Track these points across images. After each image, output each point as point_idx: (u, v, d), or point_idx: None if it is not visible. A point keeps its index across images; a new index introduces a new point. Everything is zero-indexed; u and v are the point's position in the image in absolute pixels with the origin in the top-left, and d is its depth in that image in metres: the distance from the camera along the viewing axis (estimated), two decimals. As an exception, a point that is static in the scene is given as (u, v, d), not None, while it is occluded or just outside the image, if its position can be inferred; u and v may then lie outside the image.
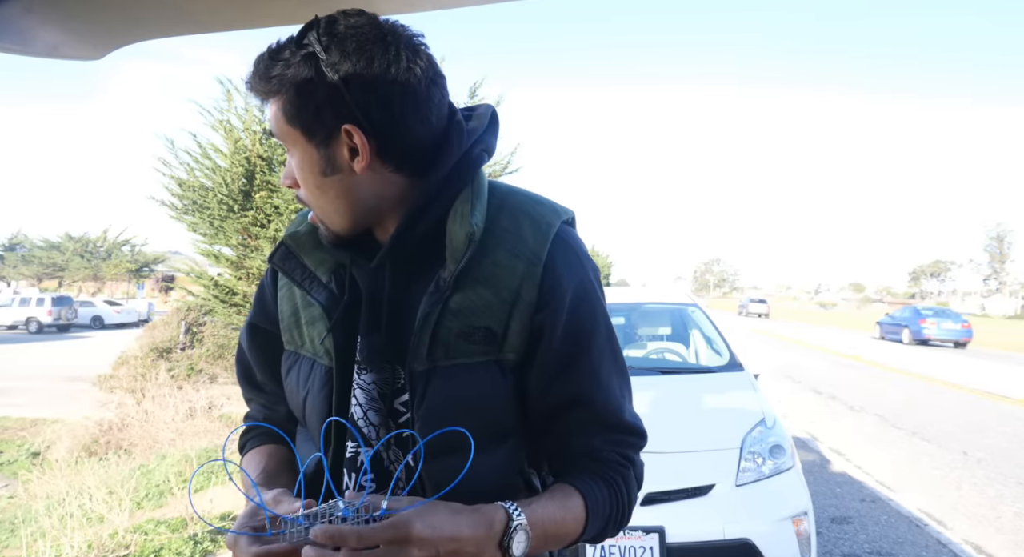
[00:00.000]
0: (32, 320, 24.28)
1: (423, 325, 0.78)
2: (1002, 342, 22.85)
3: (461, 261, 0.77)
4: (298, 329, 0.88)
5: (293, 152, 0.78)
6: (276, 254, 0.88)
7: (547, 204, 0.87)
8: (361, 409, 0.84)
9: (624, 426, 0.85)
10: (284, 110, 0.75)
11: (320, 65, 0.72)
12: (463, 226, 0.78)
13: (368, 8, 0.77)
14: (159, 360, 9.01)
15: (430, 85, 0.76)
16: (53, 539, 3.37)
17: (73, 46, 0.93)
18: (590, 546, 2.46)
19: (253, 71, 0.76)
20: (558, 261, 0.81)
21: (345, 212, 0.80)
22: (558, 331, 0.80)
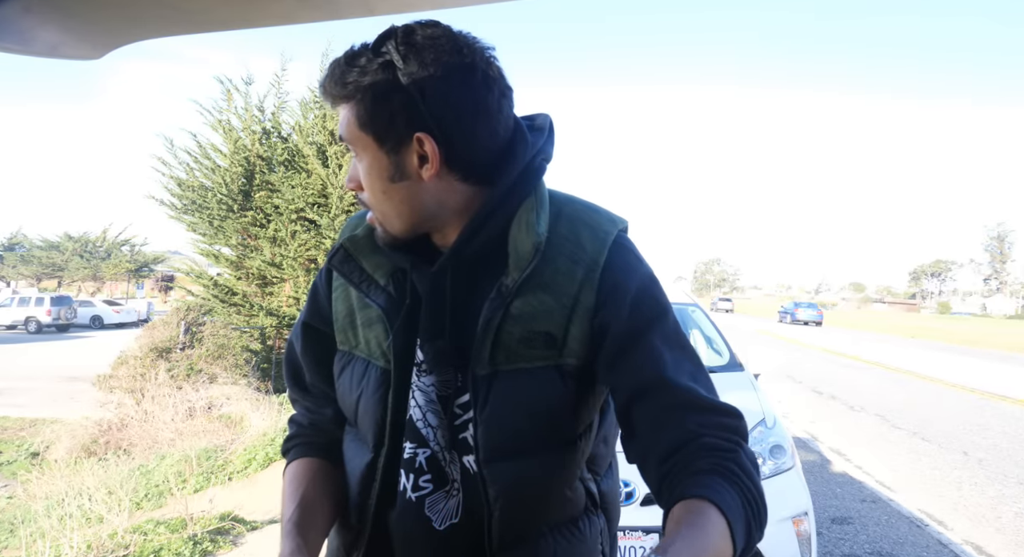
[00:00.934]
0: (31, 320, 24.28)
1: (485, 330, 0.80)
2: (1002, 342, 22.86)
3: (527, 269, 0.79)
4: (353, 330, 0.90)
5: (362, 157, 0.80)
6: (335, 256, 0.89)
7: (603, 213, 0.89)
8: (420, 410, 0.85)
9: (714, 406, 0.78)
10: (358, 115, 0.77)
11: (397, 73, 0.74)
12: (530, 235, 0.79)
13: (367, 8, 0.76)
14: (159, 360, 9.01)
15: (500, 98, 0.79)
16: (52, 539, 3.36)
17: (73, 46, 0.93)
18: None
19: (328, 75, 0.78)
20: (616, 265, 0.83)
21: (407, 216, 0.82)
22: (620, 326, 0.80)
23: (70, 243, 37.49)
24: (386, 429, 0.85)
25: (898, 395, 9.78)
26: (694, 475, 0.71)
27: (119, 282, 39.83)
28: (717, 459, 0.72)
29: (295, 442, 0.98)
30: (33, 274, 38.20)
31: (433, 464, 0.85)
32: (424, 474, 0.85)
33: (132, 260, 37.58)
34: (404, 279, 0.87)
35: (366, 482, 0.87)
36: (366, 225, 0.88)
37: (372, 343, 0.87)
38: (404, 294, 0.86)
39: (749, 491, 0.71)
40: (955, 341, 23.84)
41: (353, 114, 0.77)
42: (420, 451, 0.85)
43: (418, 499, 0.84)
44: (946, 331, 31.08)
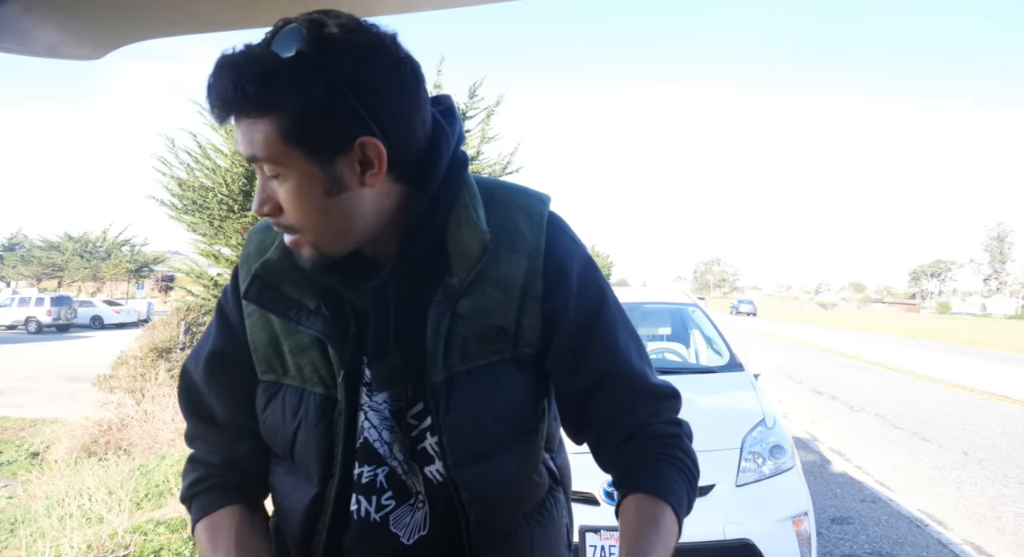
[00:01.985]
0: (31, 320, 24.28)
1: (436, 335, 0.77)
2: (1002, 342, 22.85)
3: (474, 268, 0.76)
4: (279, 358, 0.82)
5: (287, 175, 0.69)
6: (251, 289, 0.80)
7: (532, 193, 0.85)
8: (376, 430, 0.81)
9: (658, 392, 0.84)
10: (282, 130, 0.66)
11: (326, 76, 0.65)
12: (474, 234, 0.76)
13: (366, 8, 0.76)
14: (159, 360, 9.01)
15: (420, 83, 0.72)
16: (52, 539, 3.36)
17: (73, 46, 0.93)
18: (589, 546, 2.46)
19: (228, 87, 0.65)
20: (557, 248, 0.81)
21: (348, 232, 0.74)
22: (571, 313, 0.80)
23: (70, 243, 37.48)
24: (336, 459, 0.80)
25: (898, 395, 9.77)
26: (646, 464, 0.80)
27: (119, 282, 39.82)
28: (664, 448, 0.81)
29: (206, 485, 0.86)
30: (33, 274, 38.20)
31: (394, 480, 0.81)
32: (385, 492, 0.81)
33: (132, 260, 37.56)
34: (338, 299, 0.80)
35: (311, 517, 0.81)
36: (277, 247, 0.81)
37: (307, 370, 0.80)
38: (343, 315, 0.80)
39: (690, 472, 0.81)
40: (955, 341, 23.83)
41: (274, 129, 0.66)
42: (379, 471, 0.81)
43: (383, 518, 0.81)
44: (946, 331, 31.08)
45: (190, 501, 0.87)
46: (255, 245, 0.86)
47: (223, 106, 0.67)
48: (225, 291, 0.89)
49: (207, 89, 0.67)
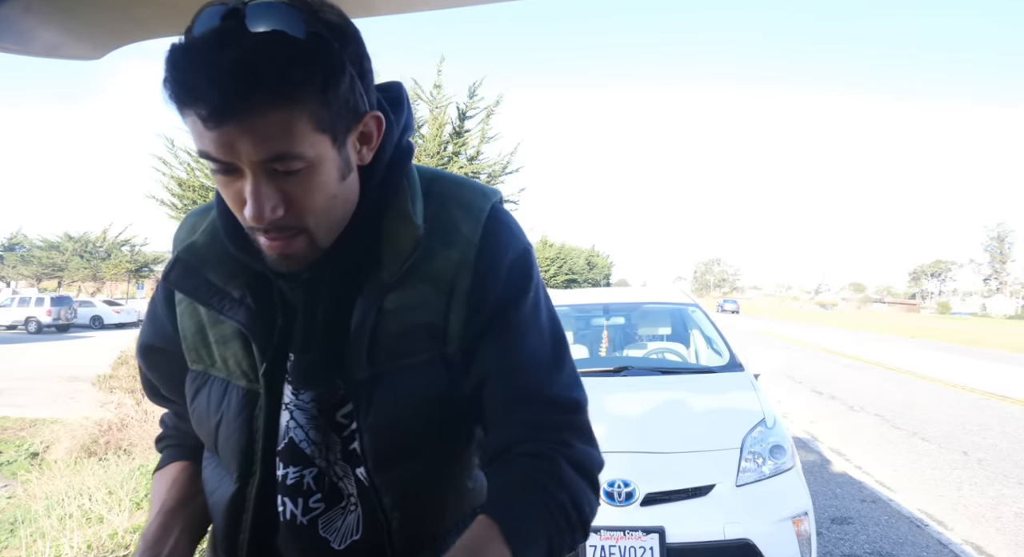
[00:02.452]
0: (31, 320, 24.29)
1: (360, 330, 0.73)
2: (1002, 342, 22.85)
3: (405, 263, 0.72)
4: (206, 348, 0.79)
5: (313, 167, 0.64)
6: (172, 273, 0.77)
7: (475, 187, 0.81)
8: (302, 430, 0.77)
9: (547, 399, 0.75)
10: (315, 117, 0.62)
11: (338, 52, 0.62)
12: (408, 228, 0.72)
13: (366, 8, 0.76)
14: (159, 360, 8.98)
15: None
16: (53, 539, 3.36)
17: (73, 46, 0.93)
18: (589, 546, 2.46)
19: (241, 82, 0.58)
20: (491, 242, 0.76)
21: (345, 218, 0.72)
22: (488, 305, 0.75)
23: (70, 243, 37.47)
24: (256, 456, 0.76)
25: (898, 395, 9.77)
26: (502, 488, 0.72)
27: (119, 282, 39.82)
28: (530, 470, 0.71)
29: (164, 444, 0.94)
30: (33, 274, 38.19)
31: (323, 482, 0.78)
32: (314, 494, 0.78)
33: (132, 260, 37.56)
34: (265, 288, 0.76)
35: (233, 515, 0.78)
36: (205, 230, 0.78)
37: (230, 362, 0.77)
38: (269, 306, 0.75)
39: (560, 505, 0.70)
40: (955, 341, 23.83)
41: (307, 117, 0.61)
42: (306, 472, 0.77)
43: (310, 521, 0.77)
44: (946, 331, 31.08)
45: (159, 451, 0.95)
46: (187, 229, 0.82)
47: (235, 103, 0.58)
48: (159, 284, 0.86)
49: (189, 92, 0.58)
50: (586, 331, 4.64)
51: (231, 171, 0.63)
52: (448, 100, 9.44)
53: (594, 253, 40.08)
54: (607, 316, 4.64)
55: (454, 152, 11.47)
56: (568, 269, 31.03)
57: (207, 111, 0.58)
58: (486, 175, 12.79)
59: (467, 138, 10.83)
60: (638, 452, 2.75)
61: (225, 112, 0.58)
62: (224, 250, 0.75)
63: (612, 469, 2.63)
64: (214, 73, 0.57)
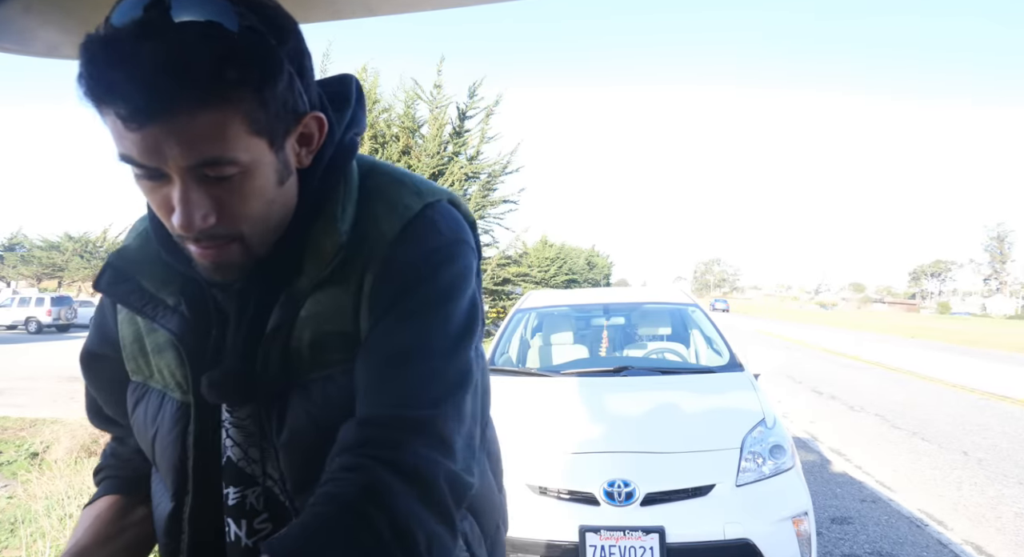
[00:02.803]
0: (32, 320, 24.29)
1: (271, 341, 0.68)
2: (1002, 342, 22.85)
3: (325, 270, 0.67)
4: (144, 357, 0.75)
5: (248, 172, 0.60)
6: (102, 279, 0.72)
7: (410, 185, 0.74)
8: (240, 449, 0.71)
9: (384, 418, 0.63)
10: (250, 118, 0.57)
11: (276, 49, 0.57)
12: (330, 233, 0.67)
13: (366, 8, 0.76)
14: (159, 360, 8.99)
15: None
16: (53, 539, 3.36)
17: (73, 46, 0.93)
18: (589, 546, 2.46)
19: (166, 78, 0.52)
20: (409, 238, 0.69)
21: (282, 223, 0.67)
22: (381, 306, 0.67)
23: (70, 243, 37.48)
24: (188, 475, 0.72)
25: (898, 395, 9.77)
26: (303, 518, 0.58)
27: (119, 282, 39.81)
28: (325, 511, 0.57)
29: (101, 476, 0.87)
30: (33, 274, 38.19)
31: (271, 502, 0.72)
32: (259, 515, 0.72)
33: (132, 260, 37.55)
34: (201, 296, 0.71)
35: (172, 533, 0.74)
36: (140, 232, 0.74)
37: (165, 372, 0.73)
38: (205, 314, 0.71)
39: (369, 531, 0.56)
40: (955, 341, 23.83)
41: (241, 118, 0.56)
42: (249, 492, 0.72)
43: (255, 544, 0.72)
44: (946, 331, 31.07)
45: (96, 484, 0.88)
46: (130, 232, 0.79)
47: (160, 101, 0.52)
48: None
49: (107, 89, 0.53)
50: (586, 331, 4.64)
51: (157, 177, 0.58)
52: (448, 100, 9.43)
53: (594, 253, 40.07)
54: (607, 316, 4.64)
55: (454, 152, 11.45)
56: (568, 269, 31.02)
57: (127, 111, 0.53)
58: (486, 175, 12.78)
59: (467, 138, 10.82)
60: (638, 452, 2.75)
61: (148, 112, 0.53)
62: (158, 255, 0.71)
63: (612, 469, 2.63)
64: (135, 68, 0.52)
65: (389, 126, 12.86)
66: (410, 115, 13.07)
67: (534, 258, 26.75)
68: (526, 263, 20.44)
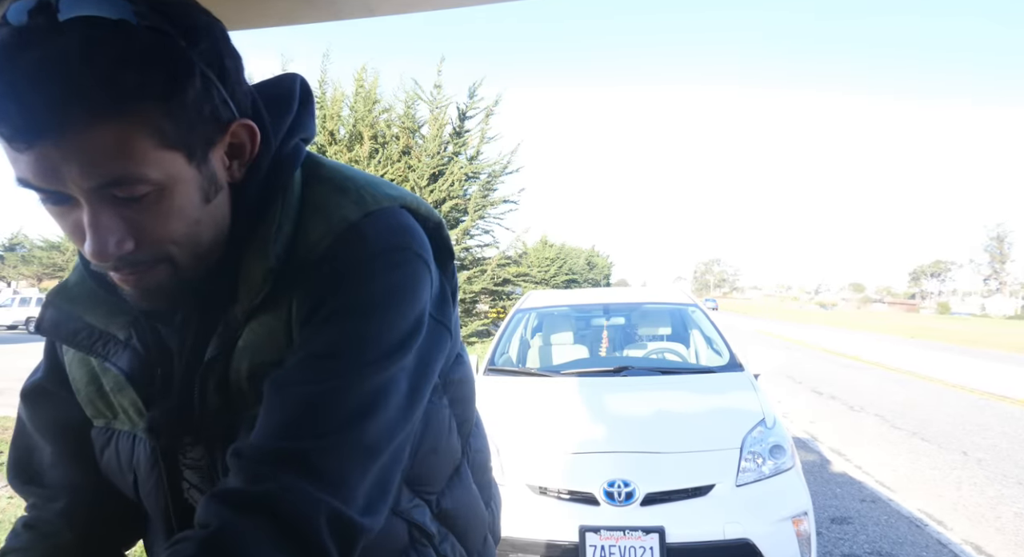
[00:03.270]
0: (32, 320, 24.28)
1: (208, 372, 0.62)
2: (1002, 342, 22.85)
3: (256, 297, 0.61)
4: (103, 399, 0.69)
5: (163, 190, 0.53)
6: (44, 320, 0.67)
7: (352, 193, 0.65)
8: (197, 491, 0.66)
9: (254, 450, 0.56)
10: (158, 131, 0.50)
11: (185, 51, 0.51)
12: (261, 259, 0.61)
13: (366, 8, 0.76)
14: (159, 360, 8.99)
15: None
16: (53, 539, 3.37)
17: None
18: (589, 545, 2.46)
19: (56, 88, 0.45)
20: (335, 258, 0.61)
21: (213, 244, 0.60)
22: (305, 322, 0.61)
23: (71, 243, 37.44)
24: (172, 518, 0.67)
25: (898, 395, 9.77)
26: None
27: (119, 282, 39.83)
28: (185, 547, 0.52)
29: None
30: (34, 274, 38.20)
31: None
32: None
33: (132, 260, 37.58)
34: (151, 329, 0.66)
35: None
36: (76, 268, 0.69)
37: (130, 411, 0.67)
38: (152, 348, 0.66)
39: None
40: (955, 341, 23.83)
41: (147, 132, 0.50)
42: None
43: None
44: (946, 331, 31.07)
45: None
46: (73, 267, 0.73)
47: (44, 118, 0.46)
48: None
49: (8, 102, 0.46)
50: (586, 331, 4.65)
51: (62, 201, 0.52)
52: (448, 100, 9.43)
53: (594, 253, 40.07)
54: (607, 316, 4.64)
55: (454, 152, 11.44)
56: (568, 269, 31.02)
57: (9, 130, 0.47)
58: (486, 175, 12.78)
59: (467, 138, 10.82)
60: (638, 452, 2.76)
61: (34, 130, 0.46)
62: (99, 289, 0.65)
63: (612, 469, 2.64)
64: (12, 80, 0.45)
65: (389, 126, 12.87)
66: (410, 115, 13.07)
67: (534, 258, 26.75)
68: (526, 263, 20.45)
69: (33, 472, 0.74)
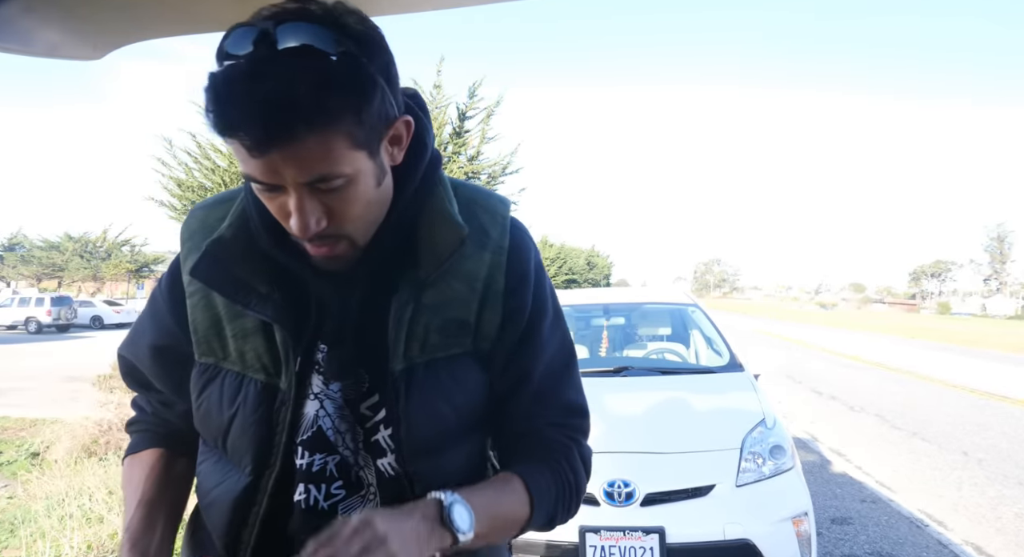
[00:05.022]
0: (32, 320, 24.27)
1: (397, 325, 0.76)
2: (1002, 342, 22.85)
3: (446, 262, 0.76)
4: (220, 340, 0.80)
5: (351, 181, 0.67)
6: (200, 265, 0.77)
7: (494, 194, 0.87)
8: (330, 419, 0.79)
9: (565, 404, 0.86)
10: (351, 137, 0.64)
11: (370, 69, 0.64)
12: (451, 228, 0.77)
13: (366, 8, 0.76)
14: (159, 360, 8.98)
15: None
16: (53, 539, 3.36)
17: (73, 46, 0.93)
18: (589, 546, 2.46)
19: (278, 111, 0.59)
20: (520, 249, 0.83)
21: (380, 218, 0.76)
22: (523, 314, 0.82)
23: (70, 243, 37.47)
24: (276, 448, 0.77)
25: (898, 395, 9.77)
26: (526, 460, 0.82)
27: (119, 282, 39.80)
28: (550, 453, 0.83)
29: (137, 428, 0.93)
30: (33, 274, 38.19)
31: (344, 470, 0.80)
32: (336, 481, 0.80)
33: (132, 260, 37.54)
34: (292, 284, 0.78)
35: (242, 507, 0.78)
36: (231, 224, 0.78)
37: (248, 355, 0.78)
38: (297, 301, 0.78)
39: (568, 482, 0.83)
40: (955, 341, 23.83)
41: (343, 138, 0.64)
42: (329, 459, 0.79)
43: (331, 506, 0.79)
44: (946, 331, 31.07)
45: (129, 432, 0.94)
46: (199, 221, 0.83)
47: (276, 134, 0.60)
48: (161, 279, 0.87)
49: (230, 125, 0.60)
50: (586, 331, 4.64)
51: (276, 190, 0.66)
52: (448, 100, 9.43)
53: (594, 253, 40.03)
54: (607, 316, 4.64)
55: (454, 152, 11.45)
56: (568, 269, 31.01)
57: (251, 142, 0.61)
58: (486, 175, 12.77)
59: (467, 138, 10.82)
60: (638, 452, 2.76)
61: (268, 143, 0.61)
62: (251, 246, 0.77)
63: (612, 469, 2.63)
64: (252, 106, 0.59)
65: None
66: (410, 115, 12.98)
67: (534, 258, 26.60)
68: (526, 263, 20.34)
69: (148, 384, 0.90)
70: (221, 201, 0.85)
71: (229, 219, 0.79)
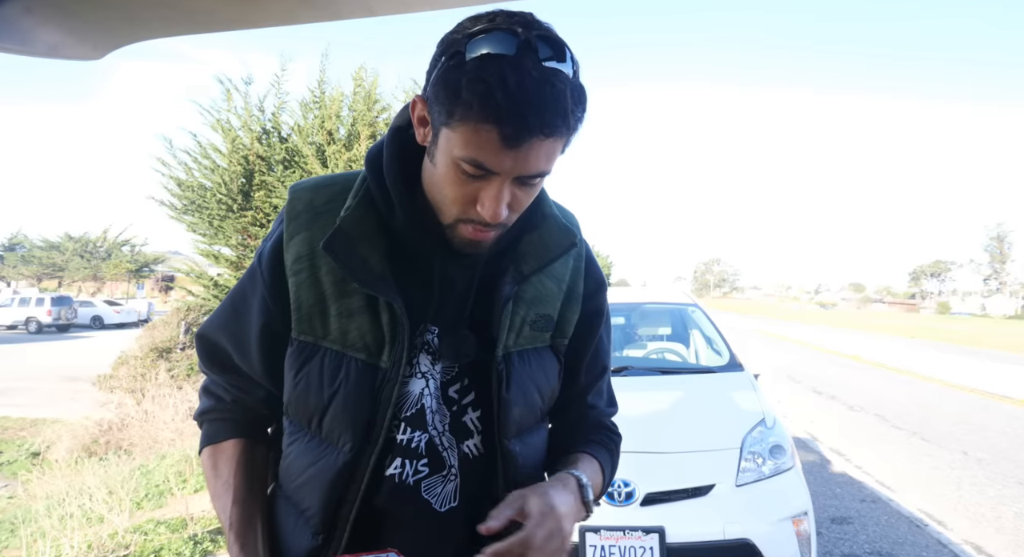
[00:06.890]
0: (32, 320, 24.27)
1: (504, 314, 0.83)
2: (1002, 342, 22.85)
3: (552, 261, 0.86)
4: (323, 319, 0.81)
5: (543, 181, 0.76)
6: (335, 240, 0.78)
7: (566, 208, 0.96)
8: (430, 398, 0.83)
9: (611, 395, 1.04)
10: (564, 144, 0.72)
11: (585, 89, 0.71)
12: (564, 233, 0.87)
13: (366, 8, 0.76)
14: (159, 360, 9.00)
15: None
16: (53, 539, 3.36)
17: (73, 46, 0.93)
18: (589, 545, 2.46)
19: (557, 115, 0.66)
20: (592, 258, 0.95)
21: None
22: (604, 316, 0.95)
23: (70, 243, 37.49)
24: (378, 425, 0.79)
25: (898, 395, 9.77)
26: (588, 440, 0.95)
27: (119, 282, 39.80)
28: (605, 435, 0.99)
29: (214, 416, 0.91)
30: (33, 274, 38.20)
31: (431, 448, 0.83)
32: (422, 458, 0.83)
33: (132, 260, 37.56)
34: (406, 265, 0.81)
35: (340, 484, 0.80)
36: (360, 203, 0.81)
37: (352, 335, 0.80)
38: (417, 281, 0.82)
39: (616, 460, 0.98)
40: (955, 341, 23.83)
41: (561, 144, 0.71)
42: (419, 435, 0.82)
43: (415, 483, 0.82)
44: (946, 331, 31.07)
45: (201, 426, 0.92)
46: (304, 203, 0.84)
47: (542, 133, 0.66)
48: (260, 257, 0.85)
49: (509, 112, 0.64)
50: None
51: (483, 178, 0.70)
52: (448, 100, 9.37)
53: (594, 253, 39.97)
54: (607, 316, 4.63)
55: (454, 152, 11.41)
56: (568, 269, 30.92)
57: (514, 131, 0.65)
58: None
59: (467, 138, 10.73)
60: (638, 452, 2.76)
61: (530, 135, 0.65)
62: (374, 226, 0.80)
63: (612, 469, 2.63)
64: (542, 107, 0.64)
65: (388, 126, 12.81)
66: (410, 115, 12.99)
67: (534, 258, 26.61)
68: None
69: (231, 367, 0.89)
70: (325, 184, 0.85)
71: (352, 199, 0.81)
